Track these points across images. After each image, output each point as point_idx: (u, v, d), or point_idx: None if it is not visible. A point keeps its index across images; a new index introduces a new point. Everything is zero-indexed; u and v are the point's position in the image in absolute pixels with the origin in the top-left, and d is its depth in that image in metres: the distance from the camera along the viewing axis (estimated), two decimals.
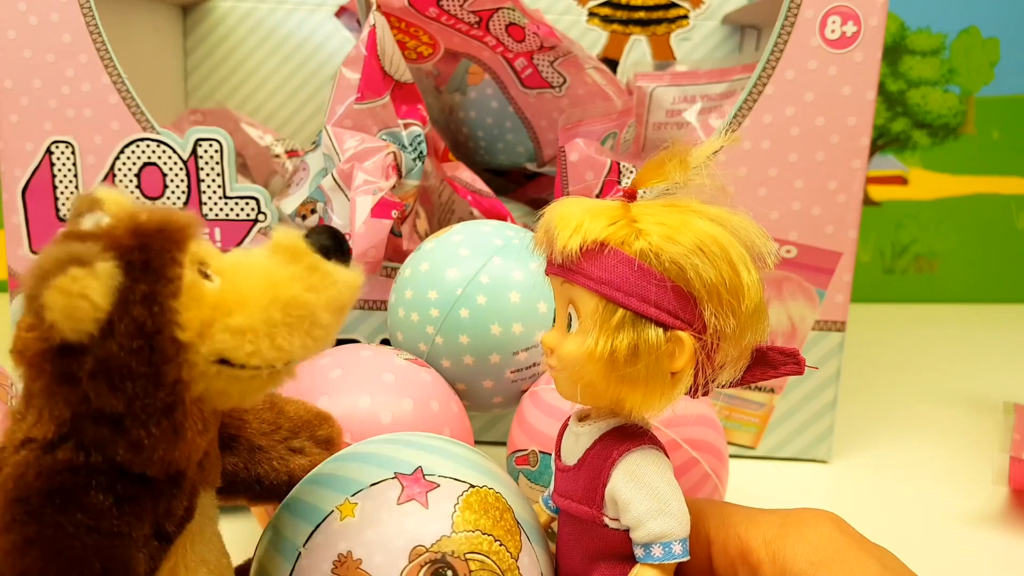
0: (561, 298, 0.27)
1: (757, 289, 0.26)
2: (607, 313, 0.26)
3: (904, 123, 0.92)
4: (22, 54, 0.51)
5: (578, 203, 0.27)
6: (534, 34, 0.57)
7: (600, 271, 0.26)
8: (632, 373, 0.25)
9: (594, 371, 0.26)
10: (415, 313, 0.42)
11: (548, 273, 0.28)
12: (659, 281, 0.25)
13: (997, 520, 0.47)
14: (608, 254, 0.26)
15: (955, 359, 0.77)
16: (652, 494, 0.26)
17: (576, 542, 0.29)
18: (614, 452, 0.27)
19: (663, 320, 0.25)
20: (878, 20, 0.48)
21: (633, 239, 0.26)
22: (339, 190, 0.51)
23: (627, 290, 0.25)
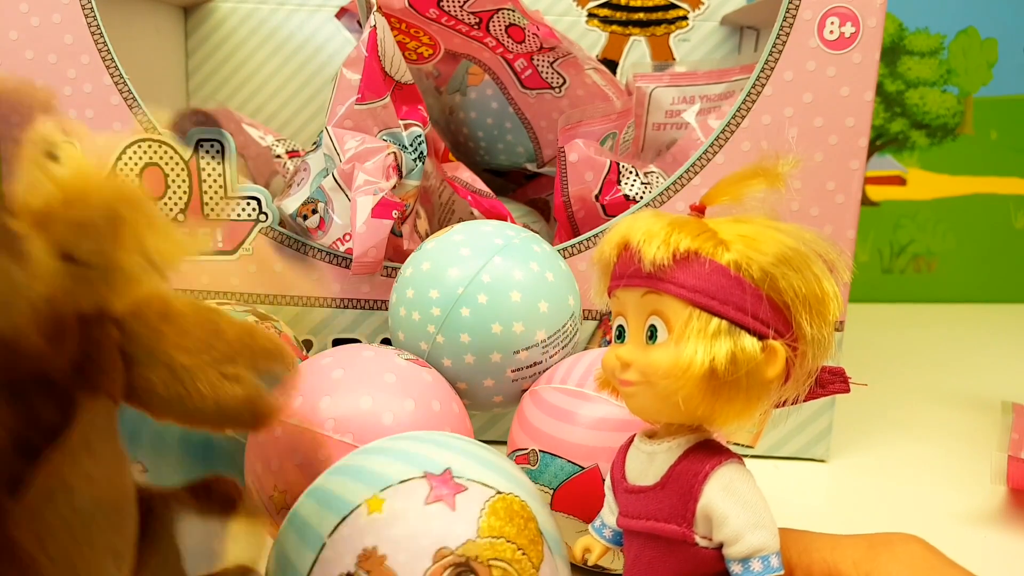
0: (638, 311, 0.27)
1: (838, 302, 0.26)
2: (702, 322, 0.25)
3: (902, 124, 0.92)
4: (24, 55, 0.51)
5: (654, 216, 0.27)
6: (534, 35, 0.57)
7: (694, 280, 0.25)
8: (730, 384, 0.25)
9: (690, 383, 0.25)
10: (416, 312, 0.42)
11: (622, 287, 0.27)
12: (753, 291, 0.25)
13: (995, 519, 0.47)
14: (701, 263, 0.25)
15: (953, 358, 0.77)
16: (748, 507, 0.26)
17: (660, 565, 0.27)
18: (705, 466, 0.26)
19: (758, 330, 0.25)
20: (876, 21, 0.48)
21: (722, 250, 0.26)
22: (340, 190, 0.51)
23: (723, 298, 0.25)
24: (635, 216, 0.27)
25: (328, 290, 0.52)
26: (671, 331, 0.26)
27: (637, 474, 0.28)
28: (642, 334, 0.27)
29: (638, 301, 0.27)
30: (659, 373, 0.25)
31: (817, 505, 0.49)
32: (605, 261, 0.28)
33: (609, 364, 0.27)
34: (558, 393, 0.39)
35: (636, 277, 0.26)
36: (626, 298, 0.27)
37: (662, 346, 0.26)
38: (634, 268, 0.26)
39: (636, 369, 0.26)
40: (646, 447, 0.28)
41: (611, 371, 0.28)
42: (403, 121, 0.53)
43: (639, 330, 0.27)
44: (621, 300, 0.27)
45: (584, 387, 0.38)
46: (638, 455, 0.28)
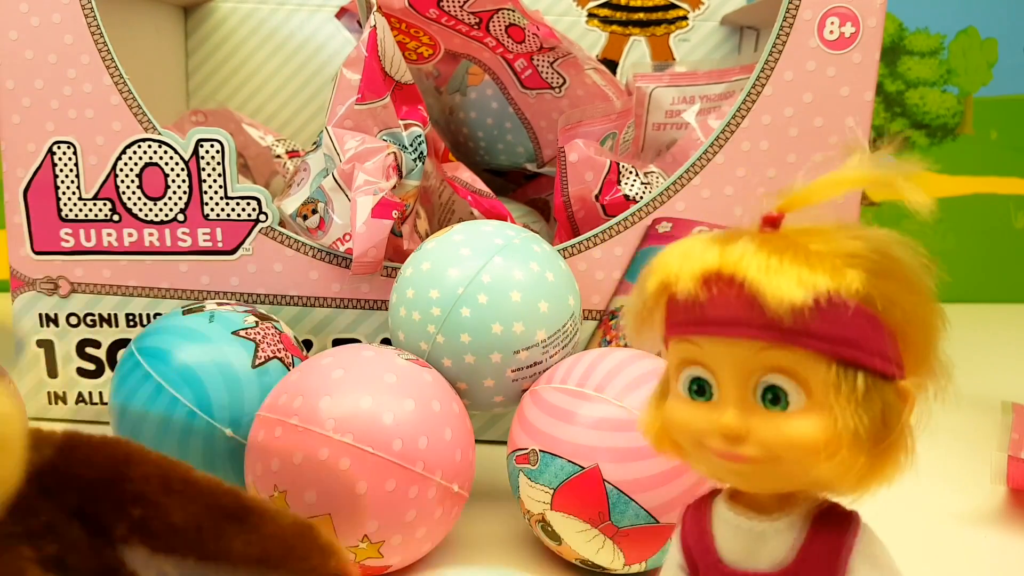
0: (746, 367, 0.21)
1: (943, 314, 0.23)
2: (850, 381, 0.20)
3: (902, 123, 0.92)
4: (24, 55, 0.51)
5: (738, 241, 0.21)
6: (534, 35, 0.57)
7: (838, 329, 0.20)
8: (887, 446, 0.21)
9: (853, 458, 0.21)
10: (416, 312, 0.42)
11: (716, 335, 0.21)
12: (886, 328, 0.21)
13: (995, 519, 0.47)
14: (843, 306, 0.20)
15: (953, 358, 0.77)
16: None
17: None
18: (847, 540, 0.23)
19: (892, 373, 0.21)
20: (876, 21, 0.48)
21: (852, 283, 0.20)
22: (340, 190, 0.51)
23: (868, 347, 0.21)
24: (722, 243, 0.21)
25: (328, 290, 0.52)
26: (810, 395, 0.21)
27: (740, 555, 0.23)
28: (751, 395, 0.21)
29: (750, 357, 0.21)
30: (802, 451, 0.21)
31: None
32: (678, 296, 0.21)
33: (695, 429, 0.22)
34: (558, 393, 0.39)
35: (750, 327, 0.20)
36: (720, 350, 0.21)
37: (800, 415, 0.21)
38: (743, 314, 0.20)
39: (758, 443, 0.21)
40: (748, 523, 0.23)
41: (697, 437, 0.22)
42: (403, 121, 0.53)
43: (744, 390, 0.21)
44: (708, 351, 0.22)
45: (584, 387, 0.38)
46: (735, 532, 0.23)
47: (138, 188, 0.51)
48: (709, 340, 0.21)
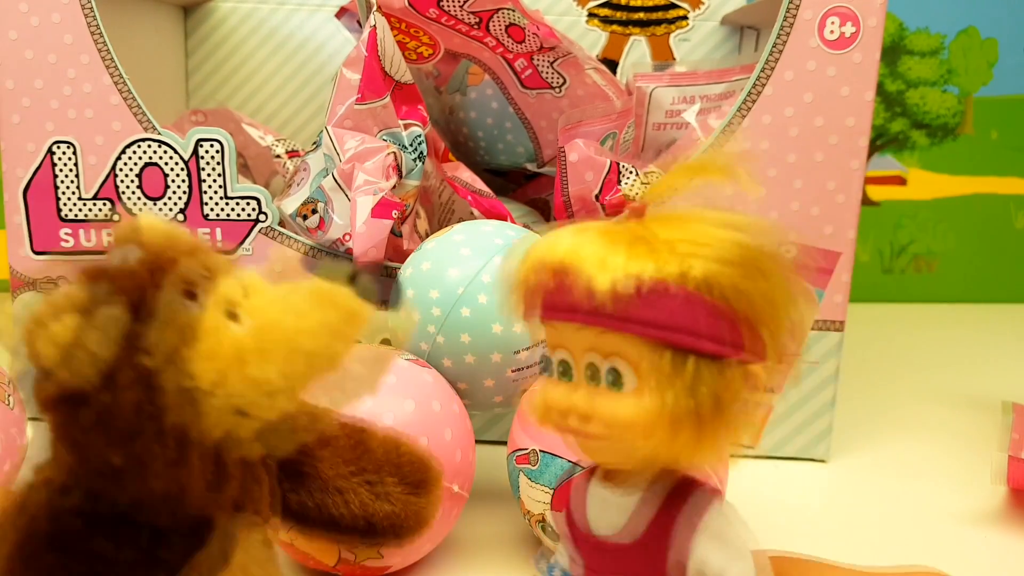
0: (591, 350, 0.22)
1: (811, 298, 0.23)
2: (678, 364, 0.21)
3: (903, 123, 0.92)
4: (24, 54, 0.51)
5: (595, 235, 0.22)
6: (534, 35, 0.57)
7: (666, 315, 0.21)
8: (716, 426, 0.21)
9: (677, 437, 0.21)
10: (416, 312, 0.42)
11: (565, 320, 0.22)
12: (729, 314, 0.21)
13: (995, 519, 0.47)
14: (671, 294, 0.21)
15: (953, 359, 0.77)
16: (740, 553, 0.23)
17: None
18: (693, 517, 0.23)
19: (740, 358, 0.22)
20: (877, 21, 0.48)
21: (688, 270, 0.21)
22: (340, 190, 0.51)
23: (698, 332, 0.21)
24: (572, 235, 0.22)
25: None
26: (641, 377, 0.22)
27: (604, 525, 0.25)
28: (598, 377, 0.22)
29: (591, 341, 0.22)
30: (633, 429, 0.22)
31: (817, 506, 0.49)
32: (534, 286, 0.23)
33: (559, 408, 0.23)
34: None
35: (587, 314, 0.22)
36: (570, 334, 0.23)
37: (632, 396, 0.22)
38: (584, 304, 0.21)
39: (600, 422, 0.22)
40: (612, 496, 0.24)
41: (561, 415, 0.23)
42: (403, 121, 0.53)
43: (593, 371, 0.22)
44: (563, 334, 0.23)
45: None
46: (603, 504, 0.25)
47: (138, 188, 0.51)
48: (562, 325, 0.23)
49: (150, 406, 0.21)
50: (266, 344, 0.22)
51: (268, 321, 0.22)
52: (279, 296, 0.23)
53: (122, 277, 0.22)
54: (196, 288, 0.23)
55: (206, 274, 0.23)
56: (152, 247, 0.23)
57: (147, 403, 0.21)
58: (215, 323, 0.22)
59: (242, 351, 0.22)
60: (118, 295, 0.21)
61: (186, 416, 0.21)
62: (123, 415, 0.21)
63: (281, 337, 0.22)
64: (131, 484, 0.22)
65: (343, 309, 0.22)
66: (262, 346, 0.22)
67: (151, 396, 0.21)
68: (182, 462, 0.22)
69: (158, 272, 0.22)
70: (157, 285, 0.22)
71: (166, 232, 0.23)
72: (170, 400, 0.21)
